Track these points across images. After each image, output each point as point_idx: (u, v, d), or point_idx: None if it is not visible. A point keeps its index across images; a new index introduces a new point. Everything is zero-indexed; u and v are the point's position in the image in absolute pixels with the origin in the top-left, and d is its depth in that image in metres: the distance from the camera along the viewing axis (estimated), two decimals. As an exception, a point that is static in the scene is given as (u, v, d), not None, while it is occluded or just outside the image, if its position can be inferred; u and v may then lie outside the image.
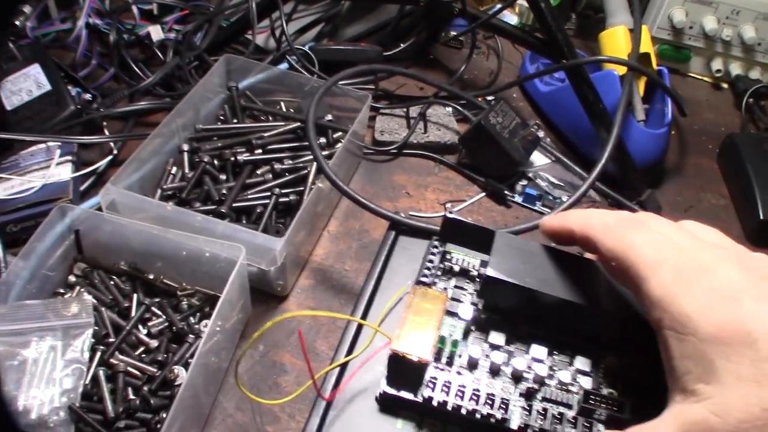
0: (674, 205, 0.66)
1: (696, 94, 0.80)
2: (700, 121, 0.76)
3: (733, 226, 0.65)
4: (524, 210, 0.62)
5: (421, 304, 0.41)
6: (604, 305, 0.41)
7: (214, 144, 0.57)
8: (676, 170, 0.70)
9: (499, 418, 0.38)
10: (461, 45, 0.77)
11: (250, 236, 0.48)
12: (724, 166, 0.71)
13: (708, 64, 0.80)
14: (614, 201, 0.64)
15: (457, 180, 0.64)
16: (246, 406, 0.47)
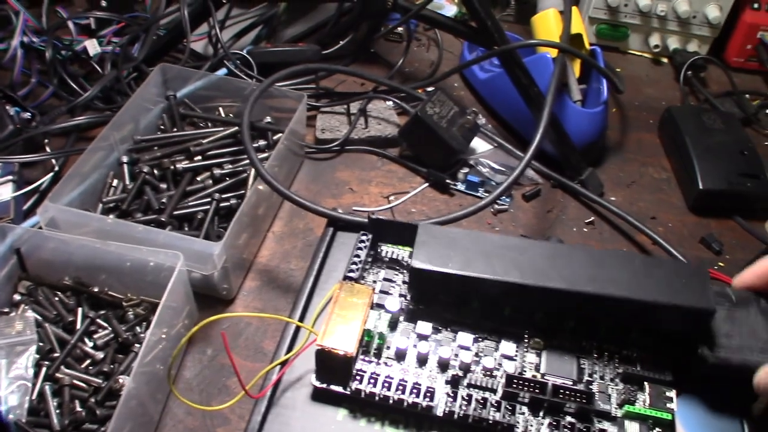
0: (617, 181, 0.68)
1: (636, 71, 0.81)
2: (640, 96, 0.78)
3: (675, 197, 0.67)
4: (467, 197, 0.63)
5: (348, 299, 0.43)
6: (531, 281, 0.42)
7: (153, 154, 0.58)
8: (617, 147, 0.72)
9: (424, 406, 0.40)
10: (401, 39, 0.78)
11: (188, 243, 0.49)
12: (665, 139, 0.72)
13: (646, 40, 0.81)
14: (556, 182, 0.65)
15: (400, 172, 0.65)
16: (196, 411, 0.48)
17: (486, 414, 0.40)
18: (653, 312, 0.42)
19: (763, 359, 0.42)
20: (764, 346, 0.43)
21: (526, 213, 0.63)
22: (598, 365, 0.43)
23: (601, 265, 0.43)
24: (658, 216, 0.65)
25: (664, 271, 0.43)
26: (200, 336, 0.52)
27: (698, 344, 0.43)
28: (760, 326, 0.44)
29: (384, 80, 0.68)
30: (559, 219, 0.63)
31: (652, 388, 0.42)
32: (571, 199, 0.65)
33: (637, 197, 0.66)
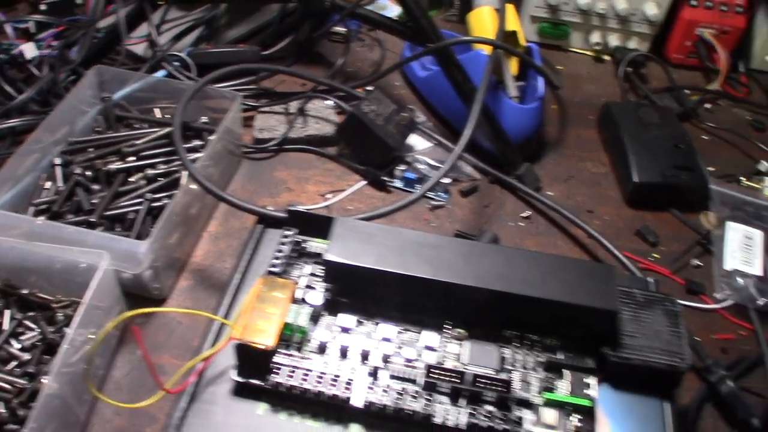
0: (554, 177, 0.69)
1: (578, 68, 0.83)
2: (581, 93, 0.79)
3: (612, 191, 0.68)
4: (405, 194, 0.64)
5: (269, 294, 0.43)
6: (441, 277, 0.43)
7: (87, 156, 0.58)
8: (556, 143, 0.73)
9: (343, 398, 0.40)
10: (344, 39, 0.79)
11: (116, 243, 0.49)
12: (603, 135, 0.73)
13: (587, 38, 0.83)
14: (494, 177, 0.66)
15: (338, 171, 0.65)
16: (125, 411, 0.48)
17: (404, 404, 0.41)
18: (558, 310, 0.43)
19: (665, 359, 0.43)
20: (666, 347, 0.44)
21: (463, 209, 0.64)
22: (519, 354, 0.44)
23: (512, 264, 0.44)
24: (595, 210, 0.66)
25: (571, 271, 0.45)
26: (131, 336, 0.52)
27: (601, 344, 0.44)
28: (663, 327, 0.45)
29: (323, 80, 0.68)
30: (497, 214, 0.64)
31: (572, 375, 0.43)
32: (509, 194, 0.66)
33: (575, 191, 0.67)
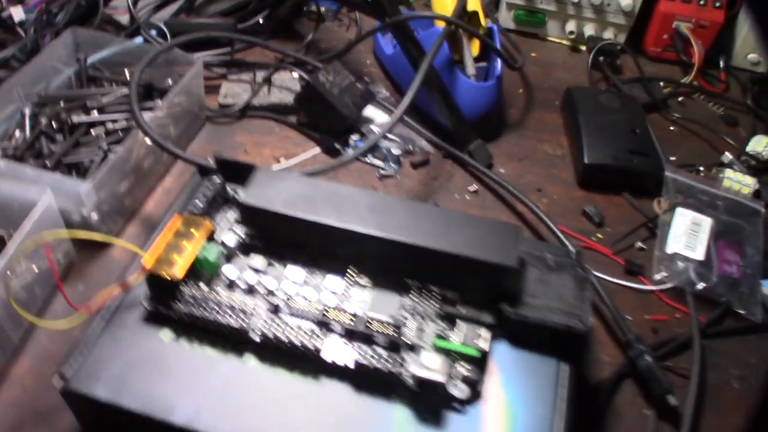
0: (510, 156, 0.70)
1: (552, 57, 0.84)
2: (552, 80, 0.80)
3: (566, 173, 0.70)
4: (357, 163, 0.66)
5: (185, 230, 0.46)
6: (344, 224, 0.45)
7: (55, 109, 0.62)
8: (517, 124, 0.74)
9: (241, 330, 0.43)
10: (323, 19, 0.82)
11: (61, 183, 0.52)
12: (565, 118, 0.75)
13: (564, 27, 0.84)
14: (447, 152, 0.68)
15: (296, 138, 0.68)
16: (59, 338, 0.52)
17: (298, 340, 0.43)
18: (458, 263, 0.45)
19: (563, 320, 0.44)
20: (567, 309, 0.45)
21: (412, 180, 0.66)
22: (419, 304, 0.46)
23: (419, 218, 0.46)
24: (544, 189, 0.67)
25: (477, 228, 0.46)
26: (77, 273, 0.56)
27: (502, 301, 0.45)
28: (569, 291, 0.47)
29: (290, 52, 0.72)
30: (445, 187, 0.66)
31: (467, 327, 0.45)
32: (459, 169, 0.68)
33: (527, 171, 0.69)
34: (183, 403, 0.41)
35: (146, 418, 0.40)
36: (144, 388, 0.41)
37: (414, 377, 0.41)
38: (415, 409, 0.42)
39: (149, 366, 0.42)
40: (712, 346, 0.56)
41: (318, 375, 0.43)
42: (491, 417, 0.42)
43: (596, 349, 0.55)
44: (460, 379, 0.42)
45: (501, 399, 0.43)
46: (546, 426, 0.42)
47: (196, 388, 0.41)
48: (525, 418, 0.42)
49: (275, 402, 0.41)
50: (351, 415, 0.41)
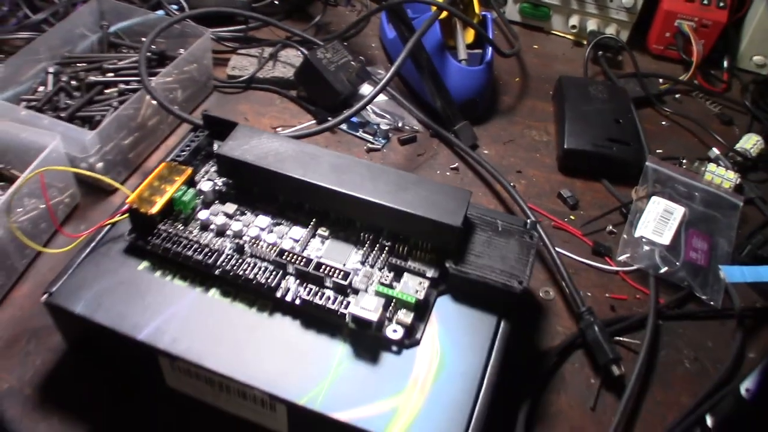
0: (496, 138, 0.74)
1: (554, 49, 0.87)
2: (550, 72, 0.83)
3: (548, 159, 0.73)
4: (347, 135, 0.71)
5: (168, 176, 0.51)
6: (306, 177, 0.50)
7: (76, 69, 0.69)
8: (508, 110, 0.78)
9: (206, 264, 0.48)
10: (335, 3, 0.87)
11: (70, 130, 0.59)
12: (555, 107, 0.78)
13: (567, 21, 0.87)
14: (434, 131, 0.72)
15: (294, 110, 0.74)
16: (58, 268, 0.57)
17: (254, 276, 0.48)
18: (409, 221, 0.49)
19: (501, 279, 0.48)
20: (508, 270, 0.49)
21: (397, 154, 0.70)
22: (371, 255, 0.50)
23: (378, 178, 0.51)
24: (525, 171, 0.71)
25: (431, 190, 0.50)
26: (80, 215, 0.62)
27: (446, 257, 0.49)
28: (513, 254, 0.50)
29: (297, 31, 0.77)
30: (428, 163, 0.70)
31: (411, 279, 0.49)
32: (445, 147, 0.72)
33: (511, 153, 0.72)
34: (149, 324, 0.46)
35: (115, 333, 0.46)
36: (117, 308, 0.47)
37: (351, 315, 0.46)
38: (355, 347, 0.46)
39: (124, 290, 0.48)
40: (670, 327, 0.59)
41: (272, 312, 0.47)
42: (423, 361, 0.46)
43: (552, 320, 0.59)
44: (397, 323, 0.46)
45: (436, 347, 0.47)
46: (475, 376, 0.45)
47: (162, 313, 0.47)
48: (456, 367, 0.46)
49: (231, 331, 0.46)
50: (297, 347, 0.46)
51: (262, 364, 0.44)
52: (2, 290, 0.55)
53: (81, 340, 0.51)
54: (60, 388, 0.50)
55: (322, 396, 0.43)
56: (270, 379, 0.44)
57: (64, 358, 0.52)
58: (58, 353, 0.52)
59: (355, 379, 0.44)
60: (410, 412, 0.43)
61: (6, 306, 0.55)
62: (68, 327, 0.50)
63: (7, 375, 0.51)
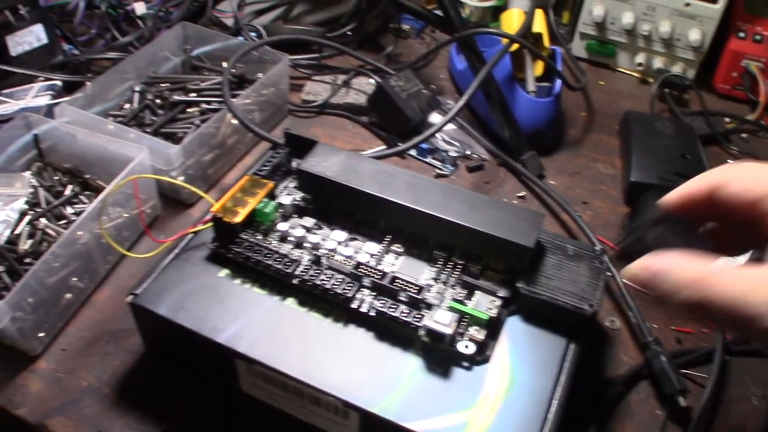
0: (562, 170, 0.75)
1: (620, 86, 0.88)
2: (615, 107, 0.84)
3: (614, 191, 0.73)
4: (416, 161, 0.73)
5: (250, 188, 0.54)
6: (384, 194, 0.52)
7: (160, 88, 0.72)
8: (574, 143, 0.79)
9: (284, 272, 0.50)
10: (405, 36, 0.90)
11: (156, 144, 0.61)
12: (621, 141, 0.78)
13: (633, 59, 0.88)
14: (501, 160, 0.73)
15: (365, 135, 0.76)
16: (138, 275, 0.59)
17: (331, 286, 0.49)
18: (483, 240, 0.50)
19: (572, 301, 0.49)
20: (579, 293, 0.49)
21: (465, 181, 0.72)
22: (444, 273, 0.51)
23: (452, 198, 0.52)
24: (590, 202, 0.71)
25: (503, 211, 0.52)
26: (160, 225, 0.64)
27: (517, 278, 0.50)
28: (583, 277, 0.51)
29: (369, 60, 0.79)
30: (495, 191, 0.71)
31: (483, 297, 0.50)
32: (512, 176, 0.73)
33: (577, 185, 0.73)
34: (228, 328, 0.48)
35: (196, 335, 0.47)
36: (198, 311, 0.48)
37: (425, 328, 0.47)
38: (427, 360, 0.47)
39: (205, 295, 0.50)
40: (736, 363, 0.58)
41: (347, 322, 0.49)
42: (494, 378, 0.46)
43: (618, 349, 0.58)
44: (469, 339, 0.47)
45: (506, 364, 0.47)
46: (545, 395, 0.46)
47: (241, 318, 0.48)
48: (526, 385, 0.46)
49: (307, 339, 0.48)
50: (371, 358, 0.47)
51: (336, 371, 0.46)
52: (85, 293, 0.58)
53: (160, 342, 0.53)
54: (137, 389, 0.52)
55: (395, 405, 0.44)
56: (344, 386, 0.45)
57: (141, 360, 0.54)
58: (136, 355, 0.54)
59: (427, 392, 0.45)
60: (480, 427, 0.44)
61: (87, 308, 0.58)
62: (149, 328, 0.52)
63: (87, 374, 0.53)
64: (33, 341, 0.53)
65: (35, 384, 0.52)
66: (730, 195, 0.40)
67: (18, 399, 0.51)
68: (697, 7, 0.82)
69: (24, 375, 0.53)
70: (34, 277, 0.51)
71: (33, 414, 0.50)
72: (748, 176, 0.40)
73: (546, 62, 0.73)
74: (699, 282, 0.36)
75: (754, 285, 0.34)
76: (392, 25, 0.90)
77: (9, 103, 0.69)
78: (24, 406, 0.51)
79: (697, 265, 0.37)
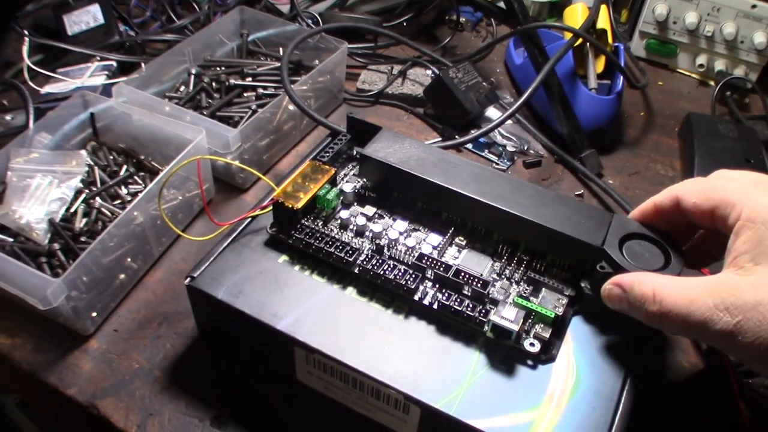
0: (621, 169, 0.73)
1: (679, 87, 0.86)
2: (675, 108, 0.82)
3: (674, 193, 0.71)
4: (473, 155, 0.71)
5: (312, 174, 0.53)
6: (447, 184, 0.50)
7: (216, 72, 0.71)
8: (633, 143, 0.77)
9: (346, 261, 0.48)
10: (462, 28, 0.88)
11: (215, 126, 0.61)
12: (681, 143, 0.76)
13: (694, 60, 0.85)
14: (559, 157, 0.72)
15: (420, 126, 0.74)
16: (190, 258, 0.59)
17: (393, 277, 0.48)
18: (549, 237, 0.48)
19: None
20: None
21: (522, 177, 0.70)
22: (509, 268, 0.50)
23: (519, 191, 0.50)
24: (650, 203, 0.69)
25: (572, 208, 0.50)
26: (214, 209, 0.64)
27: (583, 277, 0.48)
28: None
29: (427, 51, 0.78)
30: (552, 187, 0.69)
31: (549, 295, 0.48)
32: (570, 174, 0.71)
33: (635, 185, 0.71)
34: (287, 315, 0.46)
35: (254, 321, 0.46)
36: (257, 297, 0.47)
37: (490, 323, 0.45)
38: (490, 357, 0.45)
39: (264, 281, 0.49)
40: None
41: (408, 314, 0.47)
42: (559, 377, 0.45)
43: (679, 356, 0.57)
44: (534, 337, 0.46)
45: (572, 364, 0.46)
46: (612, 397, 0.44)
47: (300, 306, 0.47)
48: (592, 386, 0.45)
49: (366, 329, 0.46)
50: (433, 352, 0.45)
51: (397, 364, 0.44)
52: (138, 274, 0.57)
53: (214, 326, 0.52)
54: (188, 373, 0.51)
55: (458, 402, 0.43)
56: (406, 380, 0.43)
57: (193, 344, 0.53)
58: (188, 339, 0.53)
59: (491, 389, 0.44)
60: (546, 426, 0.42)
61: (140, 290, 0.57)
62: (205, 312, 0.51)
63: (139, 356, 0.52)
64: (86, 321, 0.53)
65: (86, 364, 0.52)
66: (691, 206, 0.43)
67: (69, 379, 0.51)
68: (763, 9, 0.79)
69: (75, 354, 0.52)
70: (90, 256, 0.50)
71: (83, 394, 0.50)
72: (703, 186, 0.43)
73: (610, 58, 0.71)
74: (655, 295, 0.40)
75: (699, 293, 0.38)
76: (448, 17, 0.89)
77: (65, 82, 0.69)
78: (75, 386, 0.50)
79: (655, 279, 0.41)
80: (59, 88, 0.68)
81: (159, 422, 0.48)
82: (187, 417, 0.49)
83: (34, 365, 0.51)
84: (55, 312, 0.50)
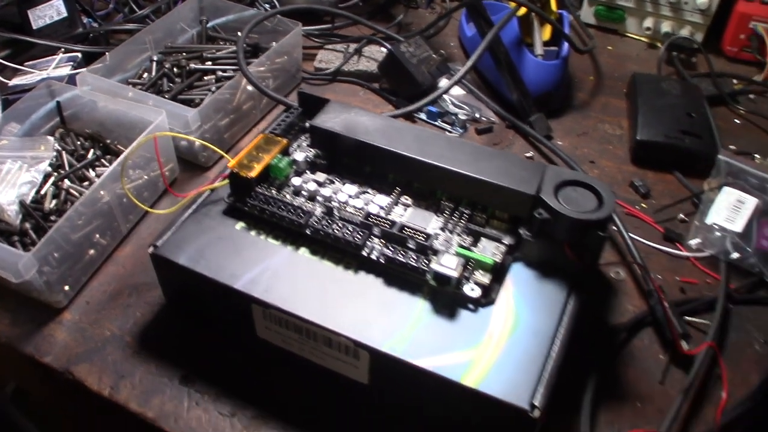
0: (569, 131, 0.76)
1: (628, 51, 0.89)
2: (623, 71, 0.85)
3: (621, 151, 0.74)
4: (426, 124, 0.75)
5: (264, 145, 0.56)
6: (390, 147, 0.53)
7: (177, 58, 0.74)
8: (582, 105, 0.80)
9: (298, 223, 0.52)
10: (416, 5, 0.91)
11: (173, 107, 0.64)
12: (628, 102, 0.79)
13: (641, 24, 0.89)
14: (510, 122, 0.75)
15: (376, 101, 0.78)
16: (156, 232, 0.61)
17: (342, 235, 0.51)
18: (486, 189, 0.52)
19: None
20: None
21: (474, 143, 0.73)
22: (451, 222, 0.53)
23: (456, 149, 0.54)
24: (597, 162, 0.72)
25: (507, 161, 0.53)
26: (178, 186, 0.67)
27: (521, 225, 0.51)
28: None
29: (381, 29, 0.81)
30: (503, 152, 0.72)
31: (488, 244, 0.52)
32: (520, 138, 0.74)
33: (584, 145, 0.74)
34: (244, 275, 0.50)
35: (214, 282, 0.50)
36: (215, 261, 0.51)
37: (432, 272, 0.48)
38: (434, 303, 0.49)
39: (222, 246, 0.52)
40: (740, 311, 0.59)
41: (357, 269, 0.51)
42: (498, 319, 0.48)
43: (623, 299, 0.60)
44: (475, 282, 0.49)
45: (510, 307, 0.49)
46: (548, 335, 0.47)
47: (256, 266, 0.50)
48: (529, 326, 0.48)
49: (320, 285, 0.50)
50: (380, 301, 0.49)
51: (347, 314, 0.48)
52: (107, 249, 0.61)
53: (179, 292, 0.56)
54: (157, 338, 0.55)
55: (403, 344, 0.46)
56: (355, 327, 0.47)
57: (161, 311, 0.57)
58: (156, 307, 0.57)
59: (434, 332, 0.47)
60: (485, 363, 0.45)
61: (110, 264, 0.60)
62: (169, 279, 0.55)
63: (110, 324, 0.56)
64: (59, 294, 0.56)
65: (61, 334, 0.55)
66: None
67: (45, 348, 0.54)
68: (704, -30, 0.83)
69: (50, 326, 0.55)
70: (59, 233, 0.53)
71: (59, 361, 0.53)
72: None
73: (553, 24, 0.74)
74: None
75: None
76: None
77: (32, 74, 0.72)
78: (50, 354, 0.54)
79: None
80: (26, 80, 0.71)
81: (131, 383, 0.52)
82: (157, 377, 0.52)
83: (11, 338, 0.54)
84: (29, 286, 0.53)
